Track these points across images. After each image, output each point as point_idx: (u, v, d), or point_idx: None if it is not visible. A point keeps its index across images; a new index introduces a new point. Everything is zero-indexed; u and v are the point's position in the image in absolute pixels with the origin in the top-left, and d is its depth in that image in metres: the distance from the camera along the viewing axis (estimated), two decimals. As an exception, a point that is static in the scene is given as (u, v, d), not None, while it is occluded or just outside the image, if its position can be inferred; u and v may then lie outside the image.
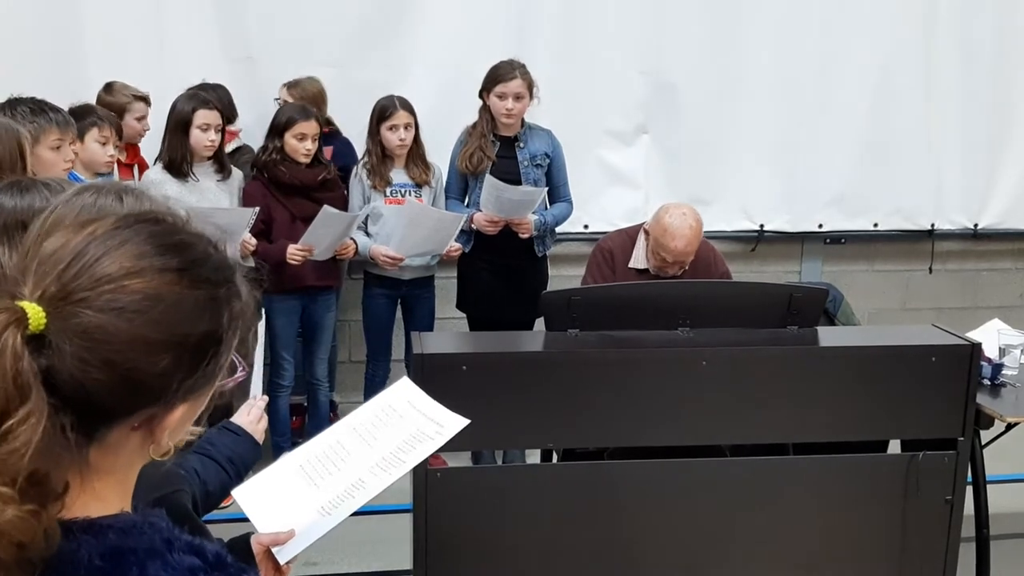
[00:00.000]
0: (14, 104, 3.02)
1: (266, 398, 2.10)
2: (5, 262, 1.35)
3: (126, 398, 0.84)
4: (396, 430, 1.85)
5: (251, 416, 2.00)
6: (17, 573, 0.80)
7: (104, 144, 3.75)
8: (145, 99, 4.34)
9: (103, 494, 0.89)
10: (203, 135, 4.06)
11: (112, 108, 4.14)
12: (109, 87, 4.30)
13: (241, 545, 1.62)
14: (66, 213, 0.89)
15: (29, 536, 0.78)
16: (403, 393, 1.96)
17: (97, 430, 0.85)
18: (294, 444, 4.50)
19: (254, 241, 4.09)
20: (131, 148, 4.37)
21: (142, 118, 4.32)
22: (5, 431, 0.77)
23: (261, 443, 2.00)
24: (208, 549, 0.87)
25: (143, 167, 4.38)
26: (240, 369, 0.99)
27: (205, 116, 4.05)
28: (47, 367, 0.80)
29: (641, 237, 3.82)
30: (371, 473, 1.75)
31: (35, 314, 0.79)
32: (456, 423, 1.86)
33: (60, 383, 0.80)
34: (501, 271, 4.40)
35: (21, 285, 0.82)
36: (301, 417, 4.85)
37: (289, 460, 1.86)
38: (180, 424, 0.91)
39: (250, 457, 1.95)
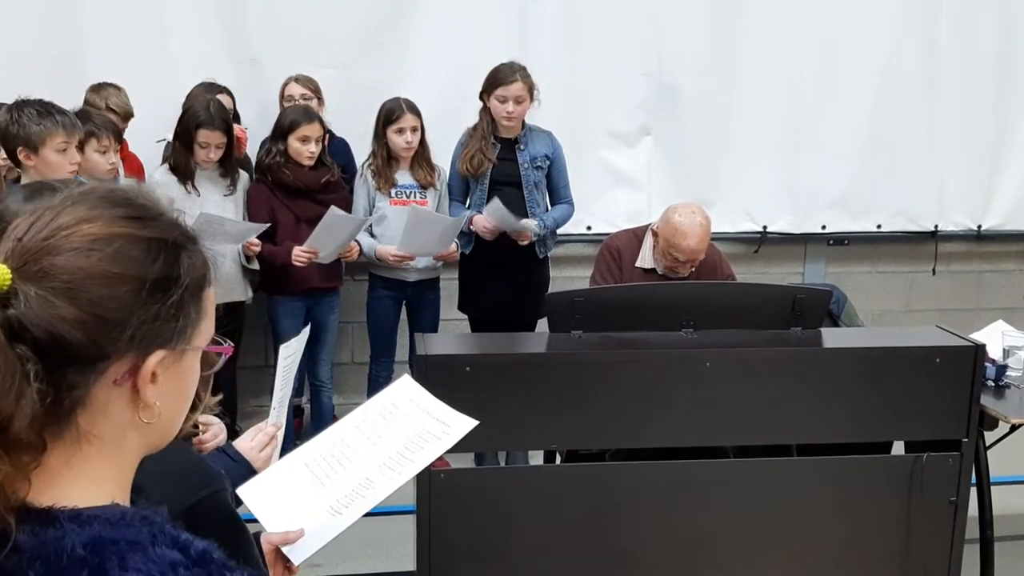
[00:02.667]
0: (21, 106, 3.02)
1: (279, 426, 2.05)
2: None
3: (93, 336, 0.86)
4: (401, 428, 1.83)
5: (254, 442, 1.96)
6: None
7: (104, 153, 3.75)
8: (116, 111, 4.26)
9: (95, 478, 0.90)
10: (202, 151, 4.09)
11: (91, 105, 4.15)
12: (97, 88, 4.30)
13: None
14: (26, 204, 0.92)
15: None
16: (405, 390, 1.95)
17: (75, 383, 0.87)
18: (294, 446, 4.52)
19: (258, 242, 4.09)
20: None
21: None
22: None
23: (259, 472, 1.95)
24: (194, 545, 0.88)
25: (133, 166, 4.37)
26: (226, 344, 1.00)
27: (206, 136, 4.07)
28: (16, 317, 0.83)
29: (648, 237, 3.82)
30: (379, 472, 1.74)
31: (1, 272, 0.83)
32: (463, 424, 1.85)
33: (27, 329, 0.83)
34: (503, 272, 4.40)
35: None
36: (300, 419, 4.86)
37: (293, 458, 1.84)
38: (167, 381, 0.92)
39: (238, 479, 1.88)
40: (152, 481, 1.05)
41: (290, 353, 2.16)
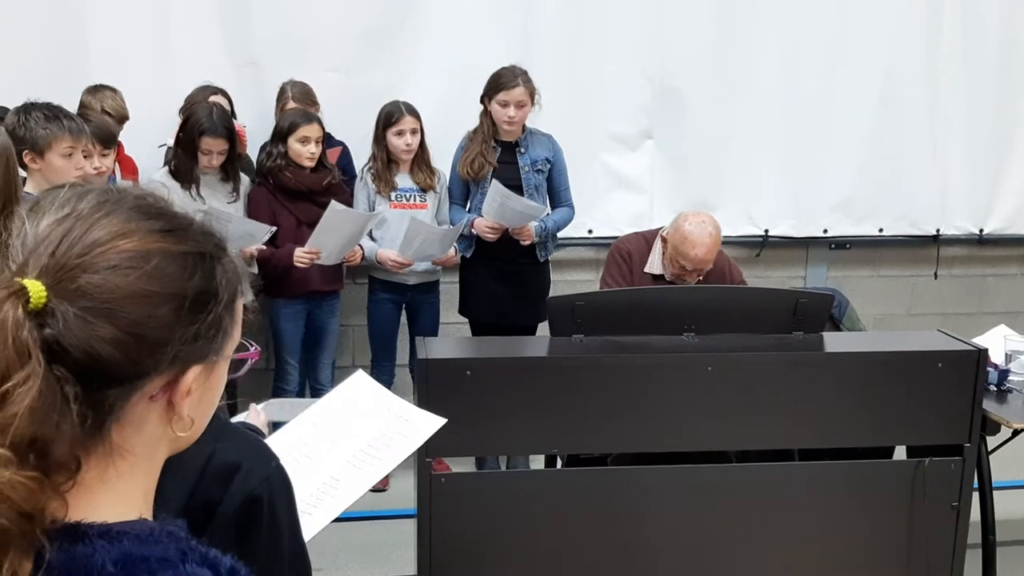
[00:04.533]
0: (29, 109, 3.01)
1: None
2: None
3: (133, 356, 0.84)
4: (363, 426, 1.80)
5: (261, 419, 1.99)
6: (24, 560, 0.80)
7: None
8: (110, 114, 4.24)
9: (125, 493, 0.89)
10: (205, 158, 4.11)
11: (86, 107, 4.15)
12: (94, 90, 4.30)
13: None
14: (46, 204, 0.90)
15: (31, 503, 0.79)
16: (361, 387, 1.92)
17: (114, 403, 0.85)
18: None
19: (260, 246, 4.09)
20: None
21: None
22: (3, 394, 0.78)
23: None
24: (223, 562, 0.87)
25: (129, 169, 4.37)
26: (253, 348, 0.99)
27: (209, 143, 4.07)
28: (52, 337, 0.82)
29: (658, 243, 3.82)
30: (344, 471, 1.71)
31: (35, 289, 0.82)
32: (431, 423, 1.82)
33: (66, 350, 0.82)
34: (503, 276, 4.39)
35: (22, 270, 0.85)
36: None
37: None
38: (200, 393, 0.92)
39: None
40: (239, 450, 1.06)
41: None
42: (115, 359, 0.83)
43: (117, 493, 0.88)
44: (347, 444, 1.76)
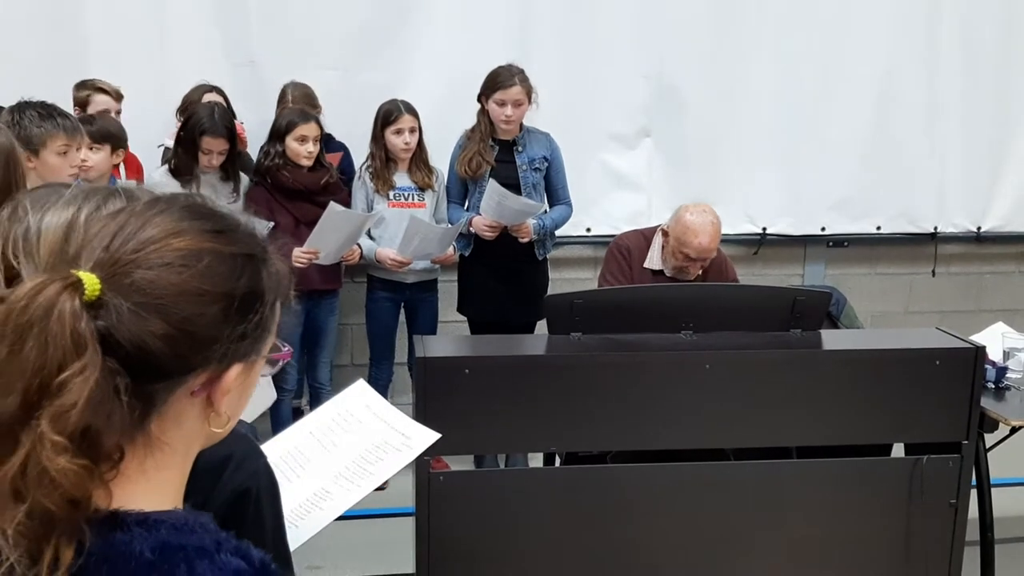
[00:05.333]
0: (23, 108, 3.01)
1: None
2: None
3: (182, 351, 0.87)
4: (357, 437, 1.80)
5: None
6: (67, 548, 0.82)
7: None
8: (108, 91, 4.29)
9: (161, 484, 0.92)
10: (205, 157, 4.11)
11: (76, 103, 4.16)
12: (80, 84, 4.31)
13: None
14: (45, 199, 0.92)
15: (81, 490, 0.81)
16: (360, 397, 1.92)
17: (157, 396, 0.88)
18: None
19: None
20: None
21: (105, 112, 4.26)
22: (61, 383, 0.80)
23: None
24: (254, 554, 0.89)
25: (133, 166, 4.37)
26: (286, 349, 1.02)
27: (209, 143, 4.08)
28: (105, 329, 0.83)
29: (657, 239, 3.82)
30: (335, 483, 1.71)
31: (90, 281, 0.83)
32: (424, 437, 1.81)
33: (118, 343, 0.84)
34: (502, 274, 4.40)
35: (75, 261, 0.87)
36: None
37: None
38: (236, 392, 0.94)
39: None
40: (229, 443, 1.09)
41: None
42: (164, 354, 0.85)
43: (154, 484, 0.91)
44: (340, 455, 1.76)
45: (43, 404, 0.80)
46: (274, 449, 1.78)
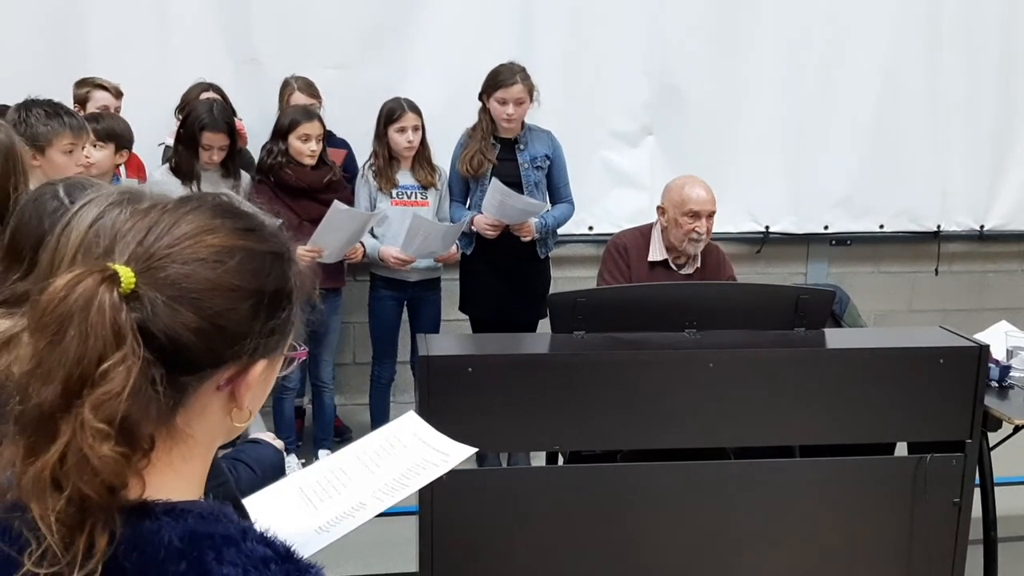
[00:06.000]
0: (29, 105, 3.01)
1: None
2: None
3: (214, 345, 0.89)
4: (400, 460, 1.88)
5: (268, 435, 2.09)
6: (101, 535, 0.83)
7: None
8: (107, 88, 4.29)
9: (187, 474, 0.94)
10: (206, 153, 4.11)
11: (76, 101, 4.16)
12: (80, 82, 4.31)
13: None
14: (108, 201, 0.96)
15: (119, 478, 0.84)
16: (409, 426, 1.99)
17: (185, 389, 0.90)
18: (297, 446, 4.53)
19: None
20: None
21: (105, 109, 4.25)
22: (103, 372, 0.82)
23: (282, 449, 2.08)
24: (278, 542, 0.91)
25: (134, 165, 4.37)
26: (301, 348, 1.04)
27: (209, 138, 4.09)
28: (141, 321, 0.86)
29: (656, 228, 3.84)
30: (373, 497, 1.78)
31: (126, 274, 0.86)
32: (461, 452, 1.91)
33: (153, 334, 0.86)
34: (503, 273, 4.39)
35: (109, 254, 0.89)
36: (302, 420, 4.85)
37: (290, 482, 1.89)
38: (259, 386, 0.96)
39: (273, 458, 2.01)
40: None
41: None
42: (196, 347, 0.88)
43: (180, 474, 0.93)
44: (382, 475, 1.83)
45: (84, 393, 0.82)
46: (320, 469, 1.89)
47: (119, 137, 3.94)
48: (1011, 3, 5.45)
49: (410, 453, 1.88)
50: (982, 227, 5.69)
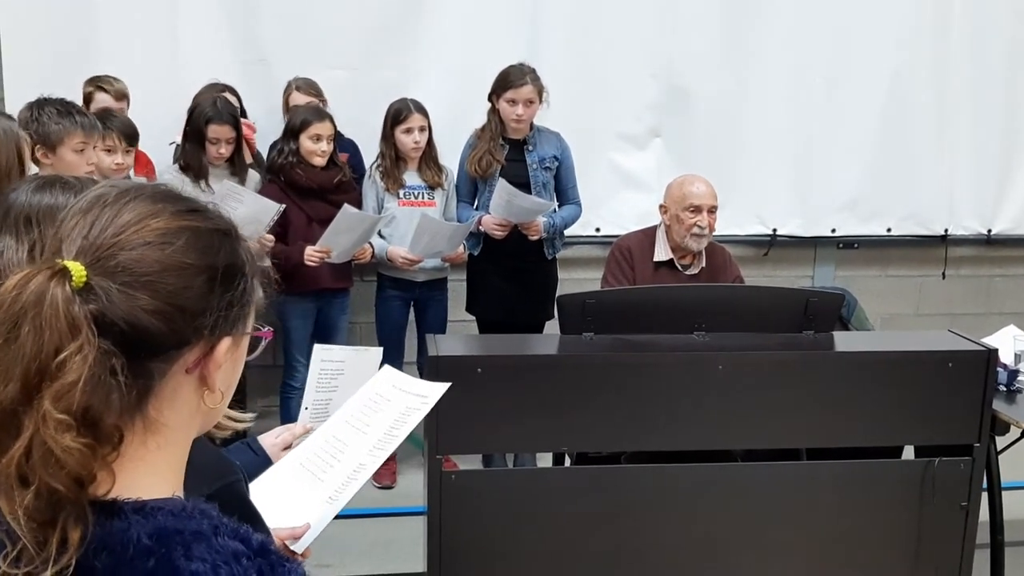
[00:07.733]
0: (42, 104, 3.02)
1: (307, 429, 2.08)
2: (10, 255, 1.39)
3: (174, 324, 0.90)
4: (386, 414, 1.93)
5: (279, 440, 2.02)
6: (74, 530, 0.83)
7: (110, 152, 3.77)
8: (107, 89, 4.29)
9: (161, 466, 0.94)
10: (213, 147, 4.12)
11: (84, 99, 4.17)
12: (88, 81, 4.32)
13: None
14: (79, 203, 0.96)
15: (86, 469, 0.84)
16: (387, 379, 2.03)
17: (153, 375, 0.90)
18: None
19: (271, 238, 4.09)
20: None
21: (106, 110, 4.26)
22: (60, 364, 0.83)
23: None
24: (253, 537, 0.91)
25: (143, 164, 4.38)
26: (266, 328, 1.05)
27: (215, 131, 4.09)
28: (97, 311, 0.86)
29: (660, 229, 3.84)
30: (369, 455, 1.84)
31: (76, 268, 0.86)
32: (438, 389, 1.98)
33: (112, 322, 0.86)
34: (511, 273, 4.39)
35: (56, 254, 0.90)
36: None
37: (290, 459, 1.93)
38: (228, 365, 0.96)
39: (258, 468, 1.95)
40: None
41: (330, 359, 2.21)
42: (157, 329, 0.88)
43: (152, 466, 0.93)
44: (373, 433, 1.88)
45: (43, 387, 0.83)
46: (315, 440, 1.93)
47: (138, 137, 3.99)
48: (1018, 7, 5.44)
49: (393, 405, 1.94)
50: (989, 231, 5.68)
